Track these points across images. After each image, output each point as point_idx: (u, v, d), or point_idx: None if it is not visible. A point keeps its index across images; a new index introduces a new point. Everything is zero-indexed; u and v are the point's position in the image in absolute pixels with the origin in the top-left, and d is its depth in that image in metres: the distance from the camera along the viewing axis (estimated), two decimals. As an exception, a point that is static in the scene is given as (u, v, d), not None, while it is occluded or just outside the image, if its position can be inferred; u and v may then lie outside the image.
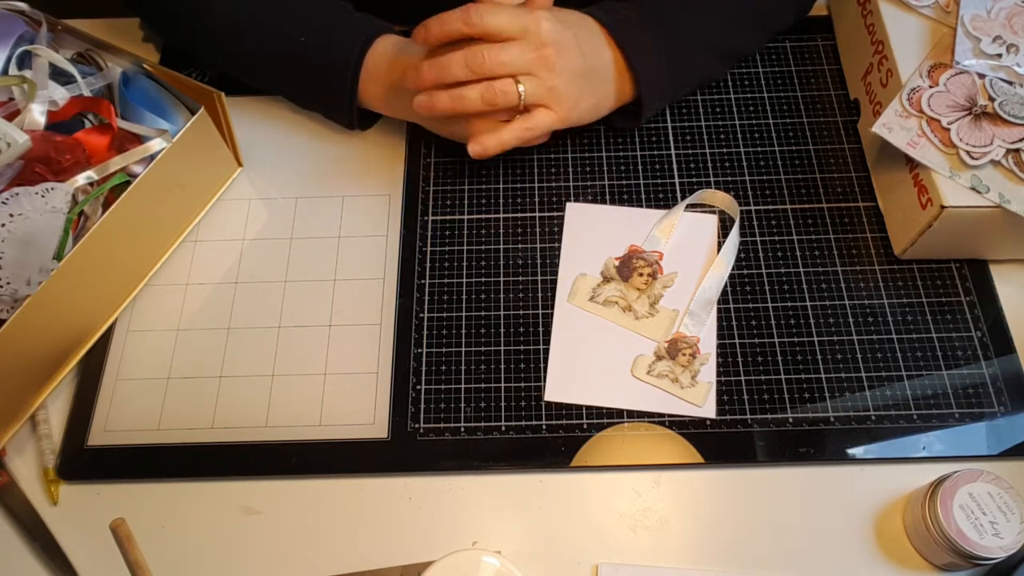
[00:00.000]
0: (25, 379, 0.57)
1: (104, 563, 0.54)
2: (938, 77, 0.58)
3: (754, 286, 0.61)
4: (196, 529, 0.55)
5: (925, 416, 0.56)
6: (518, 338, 0.60)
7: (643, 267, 0.62)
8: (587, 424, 0.57)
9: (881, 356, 0.58)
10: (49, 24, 0.63)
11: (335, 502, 0.55)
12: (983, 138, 0.56)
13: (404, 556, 0.53)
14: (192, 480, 0.56)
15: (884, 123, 0.58)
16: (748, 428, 0.56)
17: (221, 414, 0.58)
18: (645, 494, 0.55)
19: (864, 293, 0.61)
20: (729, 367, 0.58)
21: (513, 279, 0.62)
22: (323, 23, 0.63)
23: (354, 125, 0.66)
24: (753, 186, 0.66)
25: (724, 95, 0.70)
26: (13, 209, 0.53)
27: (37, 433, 0.58)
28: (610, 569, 0.52)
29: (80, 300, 0.58)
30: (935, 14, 0.61)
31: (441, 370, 0.59)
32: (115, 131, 0.60)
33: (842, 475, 0.55)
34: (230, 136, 0.65)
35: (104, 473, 0.57)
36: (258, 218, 0.66)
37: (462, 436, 0.57)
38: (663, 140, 0.68)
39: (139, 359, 0.60)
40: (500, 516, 0.55)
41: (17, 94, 0.59)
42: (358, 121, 0.66)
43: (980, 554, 0.48)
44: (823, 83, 0.70)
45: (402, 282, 0.63)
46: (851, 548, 0.53)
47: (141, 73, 0.63)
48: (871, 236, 0.63)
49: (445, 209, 0.66)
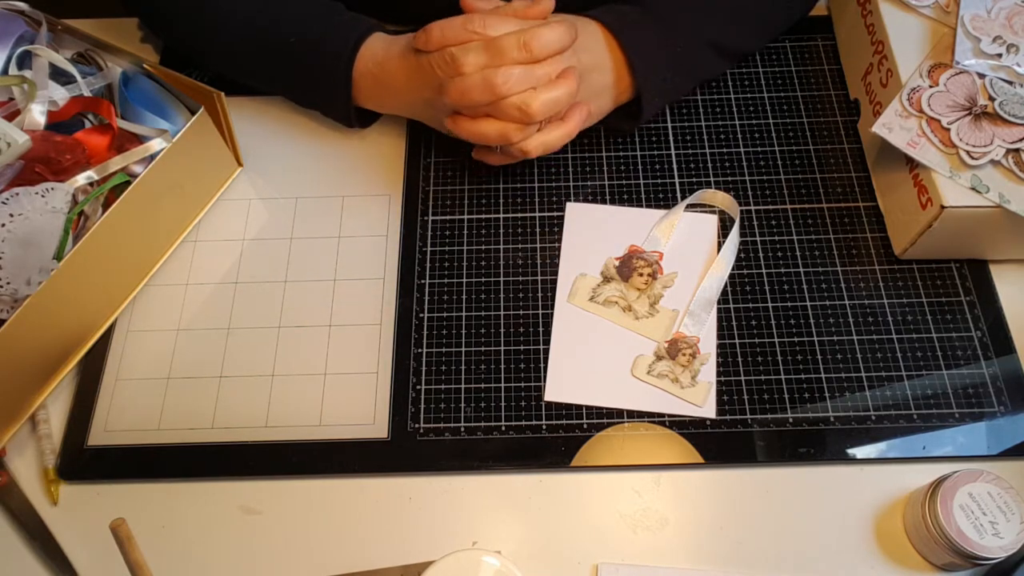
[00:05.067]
0: (25, 379, 0.57)
1: (104, 563, 0.54)
2: (938, 77, 0.58)
3: (754, 286, 0.61)
4: (196, 529, 0.55)
5: (925, 416, 0.56)
6: (518, 338, 0.60)
7: (643, 267, 0.62)
8: (587, 424, 0.57)
9: (881, 356, 0.58)
10: (49, 24, 0.63)
11: (335, 502, 0.55)
12: (983, 138, 0.56)
13: (404, 556, 0.53)
14: (192, 480, 0.56)
15: (884, 123, 0.58)
16: (748, 428, 0.56)
17: (221, 414, 0.58)
18: (645, 494, 0.55)
19: (864, 293, 0.61)
20: (729, 367, 0.58)
21: (513, 279, 0.62)
22: (315, 23, 0.63)
23: (353, 123, 0.66)
24: (753, 186, 0.66)
25: (724, 95, 0.70)
26: (13, 209, 0.53)
27: (37, 433, 0.58)
28: (610, 569, 0.52)
29: (80, 300, 0.58)
30: (935, 14, 0.61)
31: (441, 370, 0.59)
32: (115, 131, 0.60)
33: (842, 475, 0.55)
34: (230, 136, 0.65)
35: (104, 473, 0.57)
36: (258, 218, 0.66)
37: (462, 436, 0.57)
38: (663, 140, 0.68)
39: (139, 359, 0.60)
40: (500, 516, 0.55)
41: (17, 94, 0.59)
42: (357, 119, 0.66)
43: (980, 554, 0.48)
44: (823, 83, 0.70)
45: (402, 282, 0.63)
46: (851, 548, 0.53)
47: (141, 73, 0.63)
48: (871, 236, 0.63)
49: (445, 209, 0.66)
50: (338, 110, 0.65)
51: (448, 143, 0.68)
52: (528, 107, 0.54)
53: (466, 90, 0.55)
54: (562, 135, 0.59)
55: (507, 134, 0.56)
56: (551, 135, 0.58)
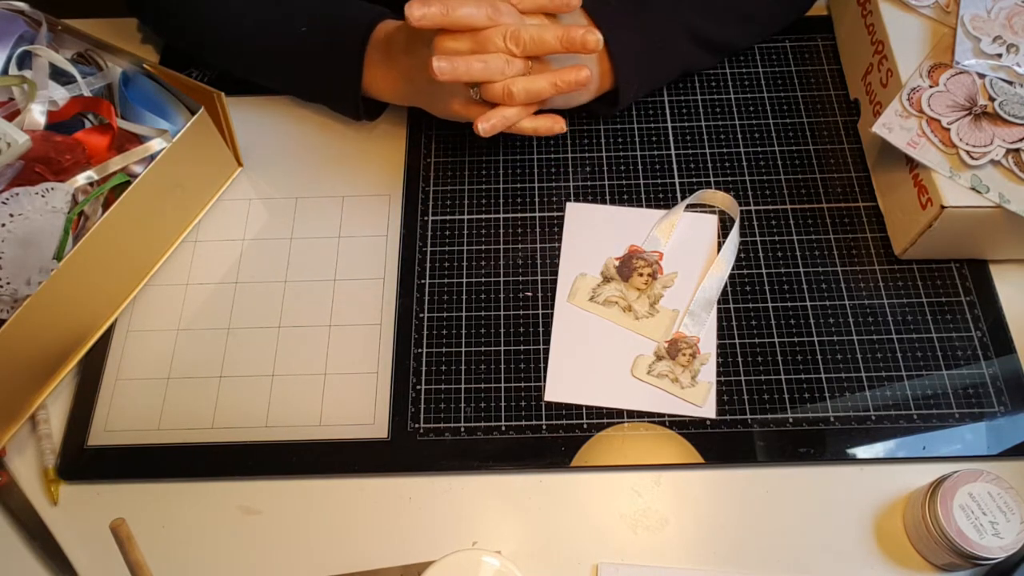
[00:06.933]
0: (25, 379, 0.57)
1: (104, 563, 0.54)
2: (938, 77, 0.58)
3: (754, 286, 0.61)
4: (196, 529, 0.55)
5: (925, 416, 0.56)
6: (518, 338, 0.60)
7: (643, 267, 0.62)
8: (587, 424, 0.57)
9: (881, 356, 0.58)
10: (49, 24, 0.63)
11: (335, 502, 0.55)
12: (983, 138, 0.56)
13: (404, 556, 0.53)
14: (192, 480, 0.56)
15: (884, 123, 0.58)
16: (748, 428, 0.56)
17: (221, 414, 0.58)
18: (645, 494, 0.55)
19: (864, 293, 0.61)
20: (729, 367, 0.58)
21: (513, 279, 0.62)
22: (323, 13, 0.63)
23: (360, 116, 0.66)
24: (753, 186, 0.66)
25: (724, 95, 0.70)
26: (13, 209, 0.53)
27: (37, 433, 0.58)
28: (610, 569, 0.52)
29: (80, 300, 0.58)
30: (935, 14, 0.61)
31: (441, 370, 0.59)
32: (115, 131, 0.60)
33: (842, 475, 0.55)
34: (230, 136, 0.65)
35: (104, 473, 0.57)
36: (258, 218, 0.66)
37: (462, 436, 0.57)
38: (663, 140, 0.68)
39: (139, 359, 0.60)
40: (500, 516, 0.55)
41: (17, 94, 0.59)
42: (364, 112, 0.66)
43: (980, 554, 0.48)
44: (823, 83, 0.70)
45: (402, 282, 0.63)
46: (851, 548, 0.53)
47: (141, 73, 0.63)
48: (871, 236, 0.63)
49: (445, 209, 0.66)
50: (347, 100, 0.65)
51: (448, 142, 0.68)
52: (517, 35, 0.54)
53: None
54: (548, 84, 0.57)
55: (491, 63, 0.55)
56: (537, 82, 0.56)
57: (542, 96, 0.57)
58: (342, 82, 0.64)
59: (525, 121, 0.59)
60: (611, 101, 0.65)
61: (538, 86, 0.56)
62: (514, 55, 0.55)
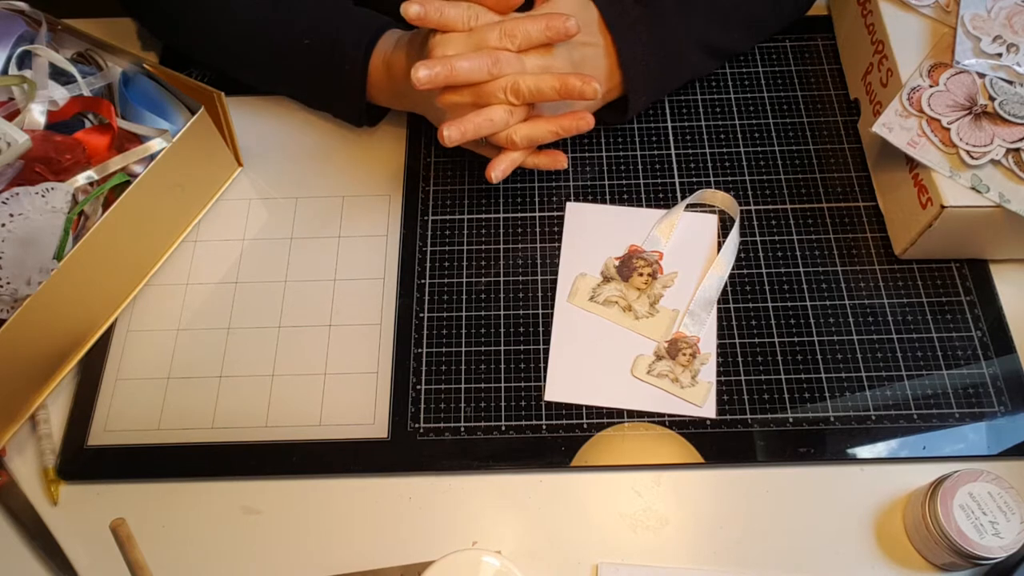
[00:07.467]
0: (25, 379, 0.57)
1: (104, 563, 0.54)
2: (938, 77, 0.58)
3: (754, 286, 0.61)
4: (196, 529, 0.55)
5: (925, 416, 0.56)
6: (518, 338, 0.60)
7: (643, 267, 0.62)
8: (587, 424, 0.57)
9: (881, 356, 0.58)
10: (49, 24, 0.63)
11: (335, 502, 0.55)
12: (983, 138, 0.56)
13: (404, 556, 0.53)
14: (192, 480, 0.56)
15: (884, 123, 0.58)
16: (748, 428, 0.56)
17: (221, 414, 0.58)
18: (645, 494, 0.55)
19: (864, 293, 0.61)
20: (729, 367, 0.58)
21: (513, 279, 0.62)
22: (328, 22, 0.63)
23: (363, 122, 0.66)
24: (753, 186, 0.66)
25: (724, 95, 0.70)
26: (13, 209, 0.53)
27: (37, 433, 0.58)
28: (610, 569, 0.52)
29: (80, 300, 0.58)
30: (935, 14, 0.61)
31: (441, 370, 0.59)
32: (115, 131, 0.60)
33: (842, 475, 0.55)
34: (230, 136, 0.65)
35: (104, 473, 0.57)
36: (258, 218, 0.66)
37: (462, 436, 0.57)
38: (663, 140, 0.68)
39: (139, 359, 0.60)
40: (500, 516, 0.55)
41: (17, 94, 0.59)
42: (366, 117, 0.66)
43: (980, 554, 0.48)
44: (823, 83, 0.70)
45: (402, 282, 0.63)
46: (851, 548, 0.53)
47: (141, 73, 0.63)
48: (871, 236, 0.63)
49: (445, 209, 0.66)
50: (350, 107, 0.65)
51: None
52: (517, 87, 0.55)
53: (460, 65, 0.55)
54: (549, 132, 0.58)
55: (495, 119, 0.56)
56: (538, 129, 0.58)
57: (544, 141, 0.59)
58: (345, 93, 0.64)
59: (528, 159, 0.62)
60: (620, 109, 0.65)
61: (539, 133, 0.59)
62: (515, 105, 0.56)
